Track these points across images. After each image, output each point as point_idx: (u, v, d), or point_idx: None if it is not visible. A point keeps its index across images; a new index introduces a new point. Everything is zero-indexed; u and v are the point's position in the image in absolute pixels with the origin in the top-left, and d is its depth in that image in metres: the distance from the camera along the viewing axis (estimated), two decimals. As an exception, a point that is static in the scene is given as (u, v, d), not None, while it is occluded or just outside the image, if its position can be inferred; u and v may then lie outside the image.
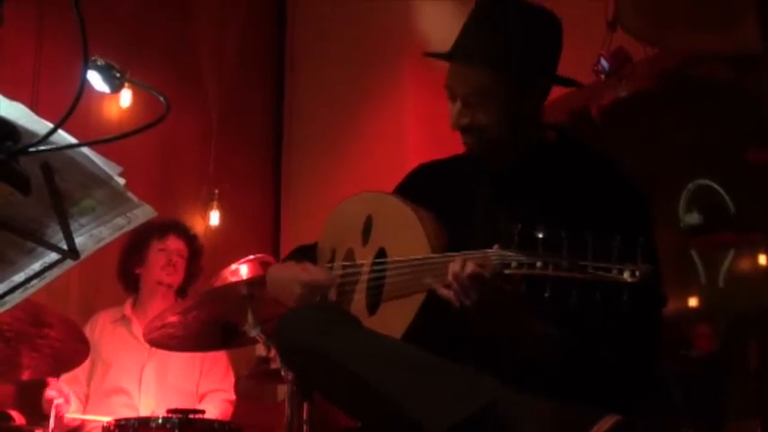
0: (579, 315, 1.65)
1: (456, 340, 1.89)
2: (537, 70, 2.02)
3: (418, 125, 4.46)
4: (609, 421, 1.64)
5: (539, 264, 1.64)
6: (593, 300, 1.60)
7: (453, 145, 2.22)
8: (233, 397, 3.91)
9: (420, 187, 2.24)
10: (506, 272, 1.69)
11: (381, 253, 2.10)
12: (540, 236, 1.64)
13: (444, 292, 1.80)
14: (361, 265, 2.16)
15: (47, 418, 3.39)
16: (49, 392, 3.45)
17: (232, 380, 3.95)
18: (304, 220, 5.09)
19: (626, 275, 1.59)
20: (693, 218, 3.43)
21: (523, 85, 2.01)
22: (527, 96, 2.02)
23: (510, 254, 1.69)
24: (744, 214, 3.27)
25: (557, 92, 2.17)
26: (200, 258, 4.10)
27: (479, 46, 2.01)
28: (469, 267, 1.75)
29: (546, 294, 1.64)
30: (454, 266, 1.78)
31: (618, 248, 1.59)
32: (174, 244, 3.98)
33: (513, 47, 1.99)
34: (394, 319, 1.97)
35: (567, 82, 2.09)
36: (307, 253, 2.37)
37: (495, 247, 1.75)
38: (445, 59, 2.08)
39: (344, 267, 2.22)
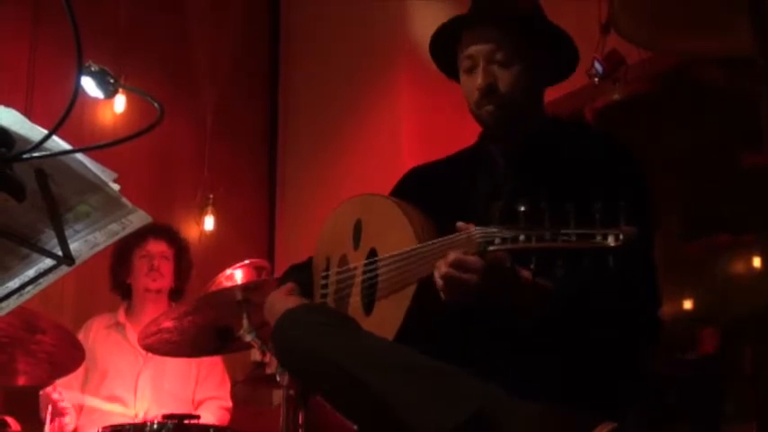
0: (568, 284, 1.65)
1: (451, 332, 1.90)
2: (548, 39, 2.08)
3: (414, 128, 4.45)
4: (604, 429, 1.63)
5: (522, 237, 1.64)
6: (580, 267, 1.60)
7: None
8: (230, 404, 3.90)
9: (416, 189, 2.24)
10: (491, 248, 1.69)
11: (372, 253, 2.11)
12: (522, 209, 1.64)
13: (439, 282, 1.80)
14: (355, 267, 2.16)
15: (42, 423, 3.39)
16: (54, 395, 3.45)
17: (228, 387, 3.93)
18: (299, 224, 5.09)
19: (610, 240, 1.58)
20: (688, 221, 3.43)
21: (540, 51, 2.06)
22: (541, 66, 2.07)
23: (493, 230, 1.69)
24: (738, 216, 3.27)
25: (550, 95, 2.18)
26: (187, 255, 4.03)
27: (502, 4, 2.08)
28: (450, 257, 1.76)
29: (532, 267, 1.64)
30: (439, 269, 1.78)
31: (600, 214, 1.59)
32: (155, 247, 3.91)
33: (532, 6, 2.09)
34: (389, 316, 1.97)
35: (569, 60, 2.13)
36: (301, 270, 2.37)
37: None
38: (470, 23, 2.08)
39: (339, 273, 2.23)
